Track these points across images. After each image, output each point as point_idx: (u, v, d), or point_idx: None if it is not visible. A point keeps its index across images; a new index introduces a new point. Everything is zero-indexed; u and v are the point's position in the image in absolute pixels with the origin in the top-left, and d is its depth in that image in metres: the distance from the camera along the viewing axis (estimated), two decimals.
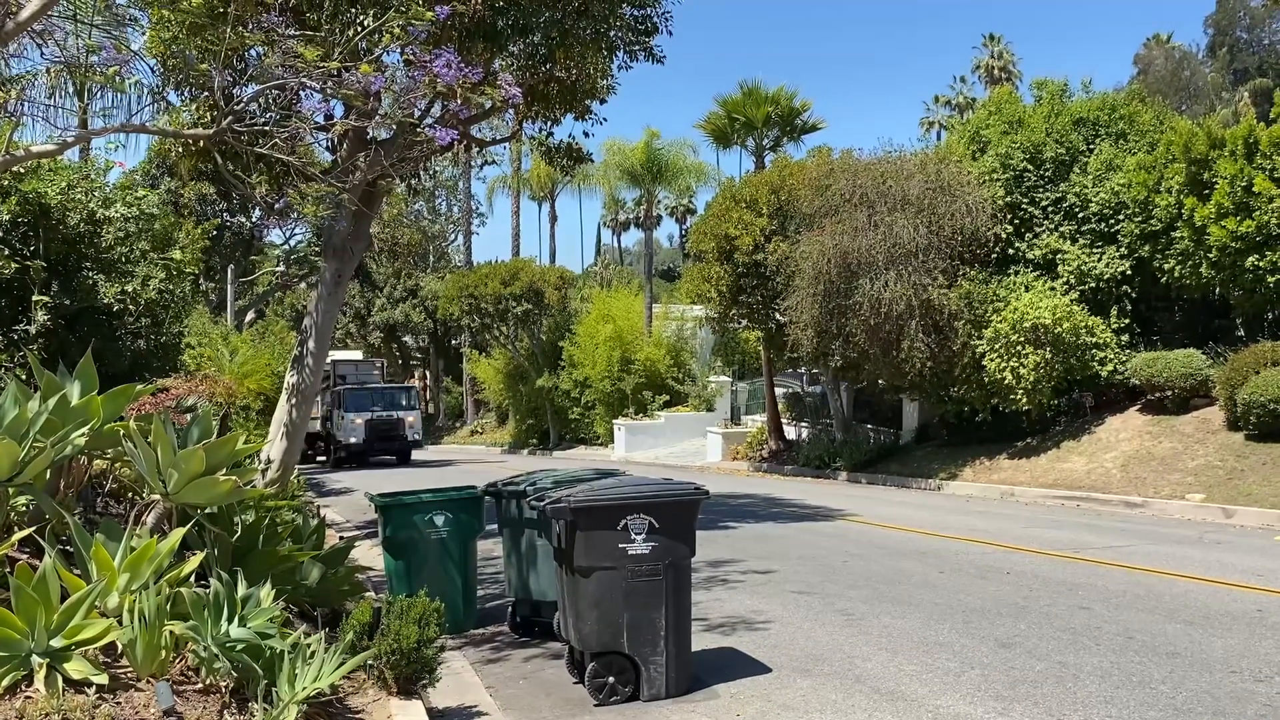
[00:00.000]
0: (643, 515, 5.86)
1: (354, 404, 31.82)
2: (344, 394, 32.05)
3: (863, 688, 6.01)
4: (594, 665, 5.85)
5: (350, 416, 31.53)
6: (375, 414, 31.75)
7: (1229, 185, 16.03)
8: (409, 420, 32.59)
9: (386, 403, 32.43)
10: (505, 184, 52.72)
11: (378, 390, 33.06)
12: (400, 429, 32.19)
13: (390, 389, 33.95)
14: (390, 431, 31.95)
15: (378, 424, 31.66)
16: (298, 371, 12.31)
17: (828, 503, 16.69)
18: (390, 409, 32.21)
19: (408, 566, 7.82)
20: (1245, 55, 54.22)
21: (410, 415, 32.76)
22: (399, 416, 32.27)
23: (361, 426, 31.43)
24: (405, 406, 32.90)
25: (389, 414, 32.06)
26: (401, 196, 32.96)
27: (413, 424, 32.73)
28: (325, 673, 4.91)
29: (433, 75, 7.38)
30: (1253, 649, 6.61)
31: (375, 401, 32.18)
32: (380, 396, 32.57)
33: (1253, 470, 14.45)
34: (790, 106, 34.01)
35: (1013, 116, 20.94)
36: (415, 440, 32.96)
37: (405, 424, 32.38)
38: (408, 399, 33.43)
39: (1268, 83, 45.54)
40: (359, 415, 31.56)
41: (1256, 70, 51.48)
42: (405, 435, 32.35)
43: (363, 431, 31.46)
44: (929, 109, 60.00)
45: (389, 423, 31.94)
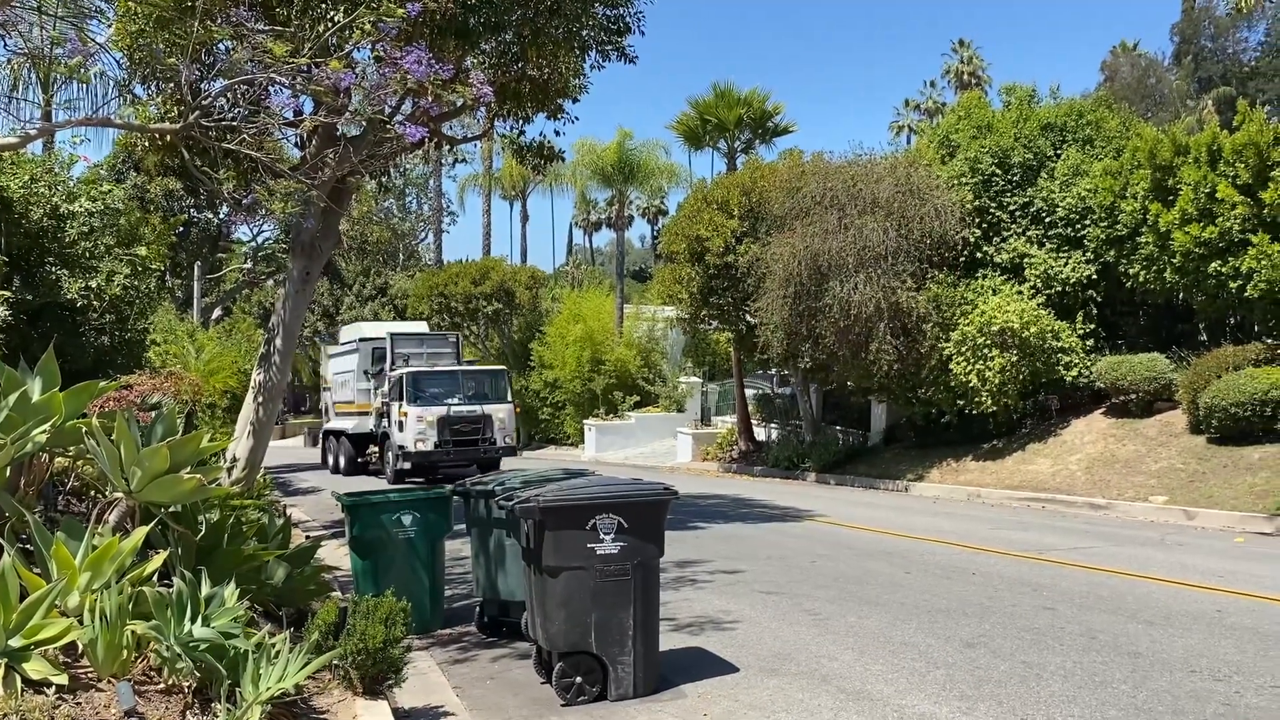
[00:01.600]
0: (611, 515, 5.86)
1: (421, 394, 22.73)
2: (407, 381, 22.79)
3: (829, 687, 6.04)
4: (561, 665, 5.84)
5: (416, 413, 22.36)
6: (452, 408, 22.65)
7: (1193, 191, 16.24)
8: (499, 417, 23.14)
9: (468, 392, 23.50)
10: (476, 182, 52.57)
11: (454, 375, 23.92)
12: (487, 429, 22.94)
13: (473, 373, 24.67)
14: (473, 433, 22.81)
15: (455, 423, 22.57)
16: (264, 369, 12.19)
17: (796, 503, 16.75)
18: (473, 401, 23.20)
19: (375, 566, 7.77)
20: (1210, 64, 54.98)
21: (501, 410, 23.32)
22: (484, 412, 22.94)
23: (432, 426, 22.30)
24: (494, 397, 23.67)
25: (472, 408, 22.96)
26: (371, 194, 32.71)
27: (504, 422, 23.28)
28: (290, 673, 4.87)
29: (403, 72, 7.35)
30: (1212, 649, 6.71)
31: (451, 390, 23.26)
32: (458, 383, 23.57)
33: (1214, 473, 14.65)
34: (762, 109, 34.12)
35: (981, 121, 21.13)
36: (507, 446, 23.36)
37: (493, 423, 22.98)
38: (496, 386, 24.08)
39: (1231, 91, 46.21)
40: (428, 410, 22.38)
41: (1220, 78, 52.21)
42: (493, 438, 23.03)
43: (434, 433, 22.29)
44: (899, 113, 60.44)
45: (472, 421, 22.81)
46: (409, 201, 52.93)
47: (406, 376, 22.87)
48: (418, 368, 23.60)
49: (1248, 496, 13.46)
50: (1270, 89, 47.42)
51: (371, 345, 26.14)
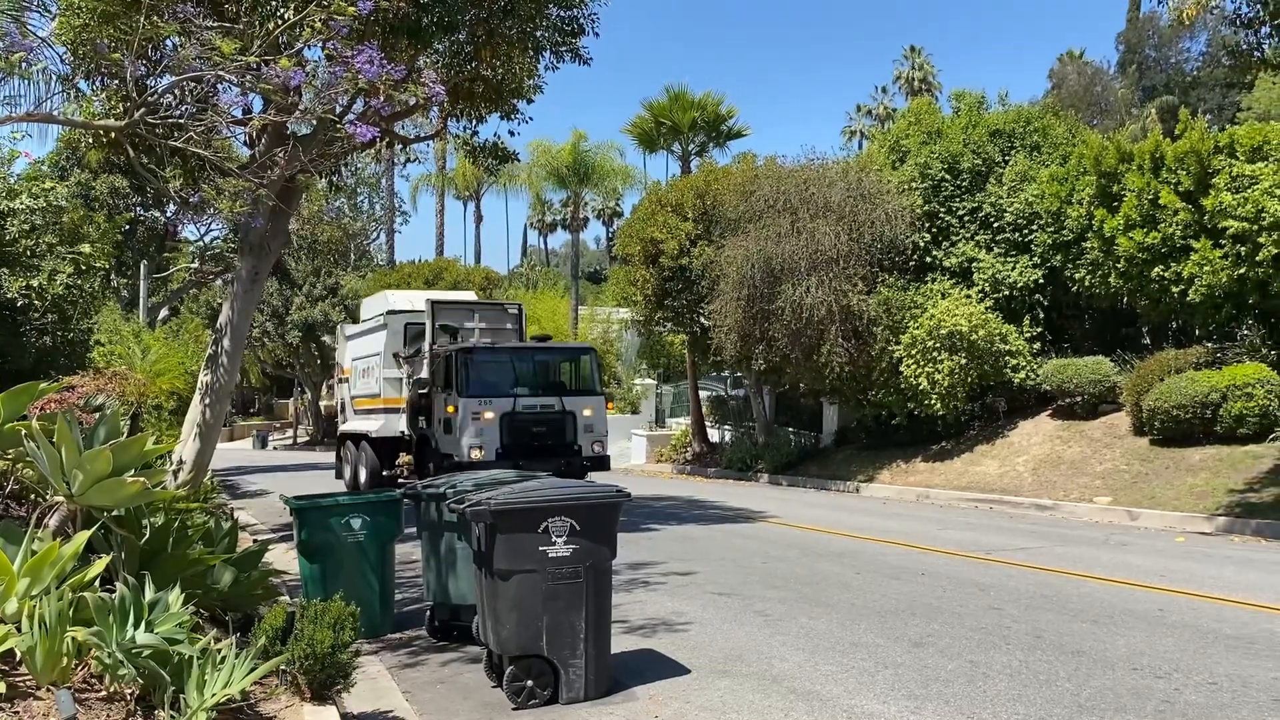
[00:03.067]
0: (564, 518, 5.85)
1: (477, 382, 16.53)
2: (458, 362, 16.57)
3: (779, 688, 6.08)
4: (512, 669, 5.81)
5: (470, 408, 16.16)
6: (520, 402, 16.56)
7: (1137, 198, 16.56)
8: (585, 414, 16.90)
9: (542, 379, 17.55)
10: (430, 182, 52.29)
11: (525, 354, 17.80)
12: (569, 432, 16.66)
13: (549, 351, 18.58)
14: (548, 435, 16.57)
15: (525, 422, 16.48)
16: (212, 370, 12.01)
17: (749, 505, 16.84)
18: (549, 392, 17.21)
19: (323, 570, 7.68)
20: (1154, 73, 56.14)
21: (589, 404, 17.06)
22: (565, 407, 16.78)
23: (493, 427, 16.16)
24: (578, 387, 17.67)
25: (548, 402, 16.85)
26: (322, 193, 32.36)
27: (593, 422, 16.95)
28: (236, 679, 4.80)
29: (354, 71, 7.29)
30: (1153, 647, 6.84)
31: (520, 377, 17.28)
32: (530, 367, 17.59)
33: (1157, 474, 14.96)
34: (716, 112, 34.31)
35: (932, 127, 21.41)
36: (598, 455, 16.90)
37: (578, 422, 16.78)
38: (582, 372, 18.01)
39: (1174, 100, 47.22)
40: (487, 405, 16.29)
41: (1164, 87, 53.32)
42: (578, 444, 16.66)
43: (496, 437, 16.11)
44: (851, 118, 61.04)
45: (548, 420, 16.68)
46: (361, 201, 52.44)
47: (457, 356, 16.46)
48: (472, 344, 17.18)
49: (1188, 497, 13.76)
50: (1211, 98, 48.51)
51: (404, 320, 19.53)
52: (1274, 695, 5.72)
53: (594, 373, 17.85)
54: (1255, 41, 11.91)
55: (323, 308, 44.77)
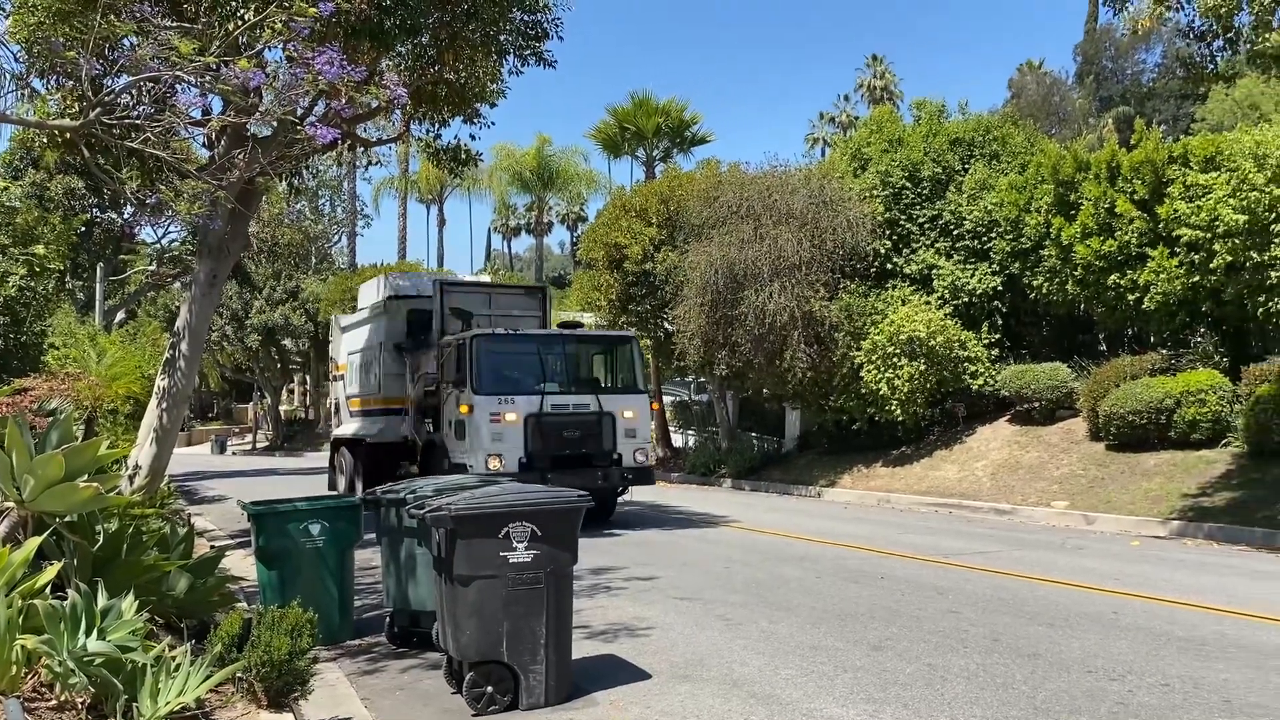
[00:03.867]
0: (525, 523, 5.83)
1: (495, 376, 14.20)
2: (473, 352, 14.11)
3: (740, 692, 6.10)
4: (472, 675, 5.78)
5: (489, 407, 13.85)
6: (549, 401, 14.18)
7: (1093, 207, 16.81)
8: (627, 416, 14.68)
9: (574, 374, 15.27)
10: (392, 185, 51.98)
11: (553, 344, 15.19)
12: (607, 438, 14.45)
13: (583, 339, 16.31)
14: (582, 441, 14.33)
15: (555, 426, 14.17)
16: (169, 374, 11.89)
17: (712, 509, 16.88)
18: (584, 389, 15.00)
19: (281, 576, 7.60)
20: (1110, 84, 56.99)
21: (631, 405, 14.82)
22: (602, 408, 14.54)
23: (516, 430, 13.89)
24: (617, 383, 15.54)
25: (581, 401, 14.57)
26: (282, 195, 32.05)
27: (635, 426, 14.76)
28: (191, 686, 4.75)
29: (315, 73, 7.24)
30: (1107, 649, 6.94)
31: (546, 371, 14.77)
32: (560, 359, 15.04)
33: (1112, 479, 15.17)
34: (680, 118, 34.43)
35: (893, 135, 21.61)
36: (642, 467, 14.75)
37: (617, 426, 14.51)
38: (622, 365, 15.65)
39: (1130, 110, 47.96)
40: (508, 405, 13.93)
41: (1120, 98, 54.15)
42: (617, 453, 14.47)
43: (519, 440, 13.88)
44: (814, 126, 61.43)
45: (582, 423, 14.38)
46: (322, 204, 52.02)
47: (472, 345, 14.01)
48: (491, 335, 14.44)
49: (1144, 501, 13.97)
50: (1166, 109, 49.35)
51: (407, 306, 16.88)
52: (1224, 696, 5.81)
53: (636, 365, 15.37)
54: (1208, 54, 12.14)
55: (283, 311, 44.37)
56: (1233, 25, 11.20)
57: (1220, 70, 12.60)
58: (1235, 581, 9.50)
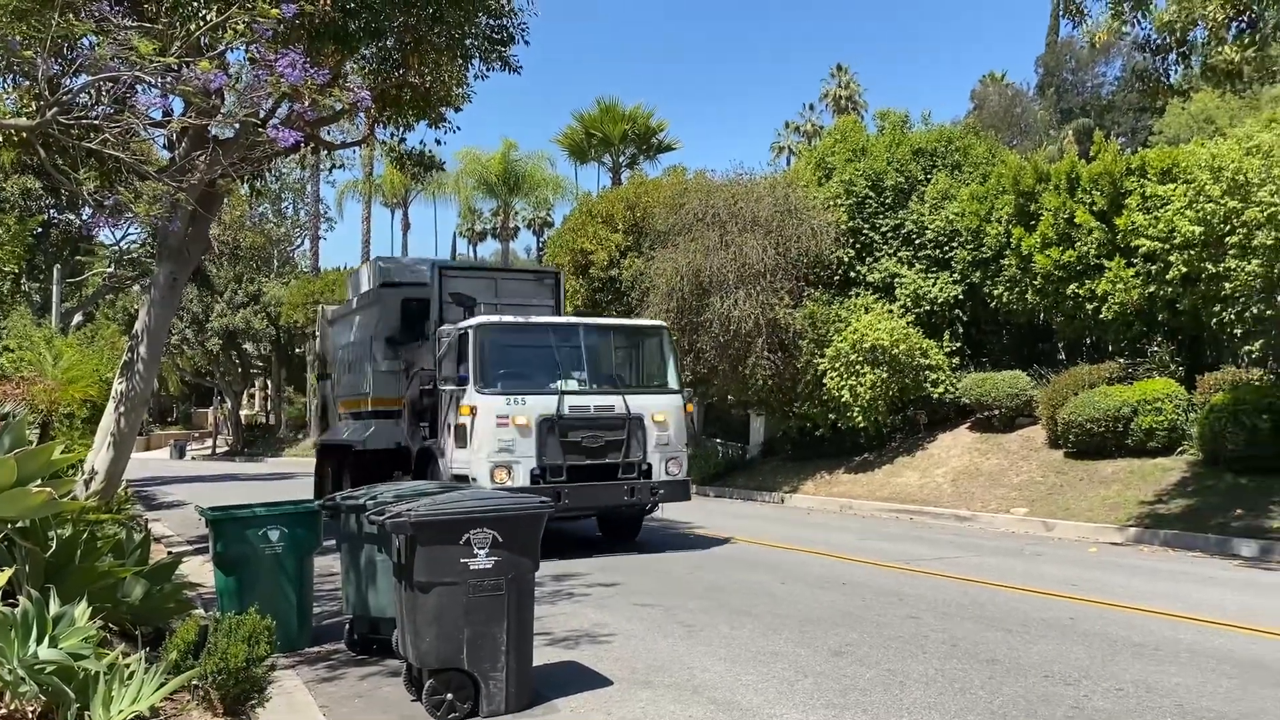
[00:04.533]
0: (486, 529, 5.81)
1: (502, 371, 12.47)
2: (476, 342, 12.25)
3: (700, 698, 6.11)
4: (432, 682, 5.75)
5: (492, 408, 11.96)
6: (567, 401, 12.24)
7: (1053, 217, 17.04)
8: (657, 420, 12.69)
9: (595, 369, 13.13)
10: (356, 189, 51.63)
11: (570, 332, 13.27)
12: (635, 442, 12.48)
13: (605, 329, 14.10)
14: (606, 449, 12.30)
15: (574, 430, 12.17)
16: (127, 378, 11.72)
17: (675, 515, 16.85)
18: (606, 388, 12.91)
19: (240, 583, 7.52)
20: (1071, 96, 57.79)
21: (662, 408, 12.83)
22: (629, 411, 12.48)
23: (527, 435, 11.92)
24: (645, 382, 13.57)
25: (605, 403, 12.54)
26: (244, 198, 31.73)
27: (667, 432, 12.78)
28: (145, 694, 4.68)
29: (277, 75, 7.17)
30: (1065, 654, 7.02)
31: (562, 366, 12.83)
32: (578, 350, 13.03)
33: (1071, 486, 15.36)
34: (647, 125, 34.51)
35: (857, 145, 21.79)
36: (674, 481, 12.82)
37: (645, 433, 12.54)
38: (650, 361, 13.79)
39: (1090, 122, 48.66)
40: (518, 406, 12.03)
41: (1080, 110, 54.92)
42: (646, 464, 12.54)
43: (531, 447, 11.92)
44: (780, 134, 61.69)
45: (605, 426, 12.37)
46: (285, 207, 51.56)
47: (474, 335, 12.11)
48: (498, 325, 12.51)
49: (1101, 508, 14.15)
50: (1125, 122, 50.11)
51: (401, 295, 14.91)
52: (1176, 701, 5.90)
53: (668, 360, 13.29)
54: (1164, 68, 12.35)
55: (245, 315, 43.96)
56: (1187, 40, 11.42)
57: (1176, 84, 12.84)
58: (1189, 587, 9.65)
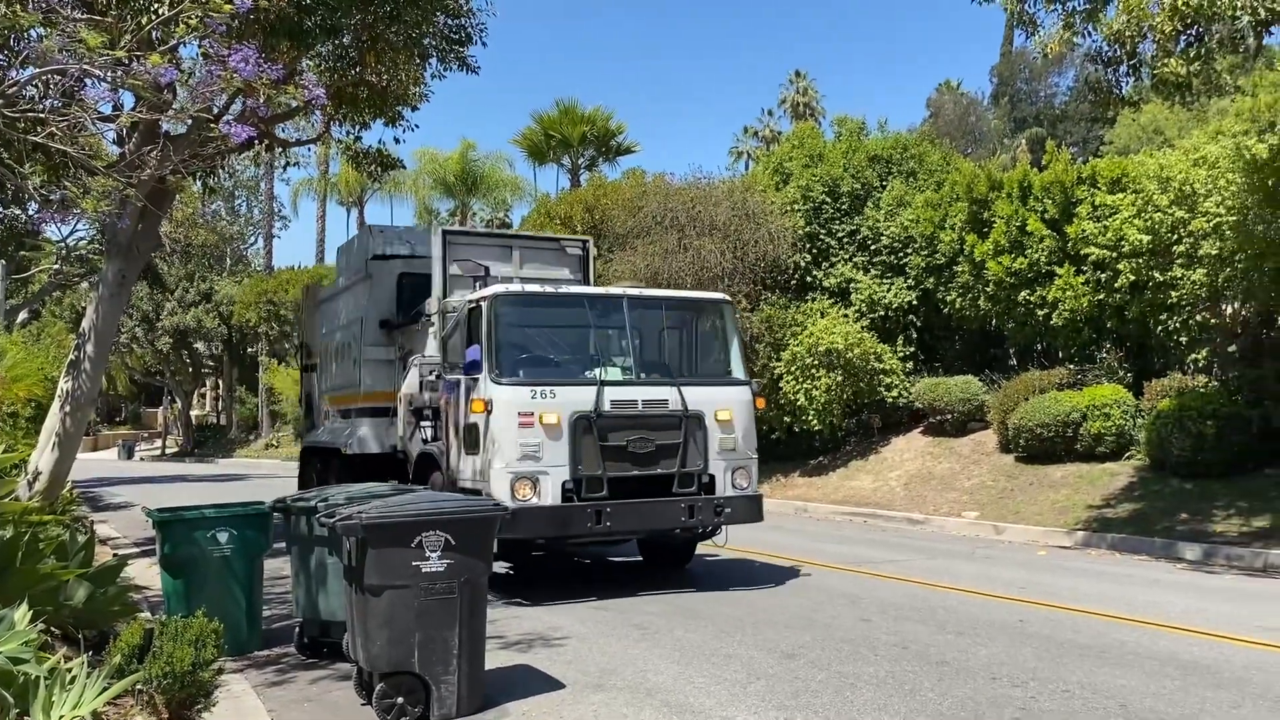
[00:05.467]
0: (439, 532, 5.77)
1: (526, 356, 10.01)
2: (489, 322, 9.48)
3: (653, 701, 6.11)
4: (382, 686, 5.69)
5: (513, 403, 9.18)
6: (608, 395, 9.41)
7: (1005, 225, 17.28)
8: (717, 418, 9.86)
9: (636, 357, 10.20)
10: (311, 187, 51.02)
11: (609, 306, 10.36)
12: (694, 448, 9.66)
13: (646, 301, 10.77)
14: (657, 457, 9.51)
15: (616, 430, 9.39)
16: (74, 377, 11.51)
17: None
18: (654, 376, 10.16)
19: (187, 585, 7.40)
20: (1024, 105, 58.66)
21: (726, 403, 10.01)
22: (686, 406, 9.64)
23: (557, 438, 9.17)
24: (705, 371, 10.87)
25: (654, 396, 9.70)
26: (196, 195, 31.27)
27: (730, 431, 9.97)
28: (86, 699, 4.59)
29: (230, 71, 7.08)
30: (1013, 657, 7.11)
31: (600, 350, 10.35)
32: (616, 332, 10.47)
33: (1021, 490, 15.56)
34: (606, 127, 34.51)
35: (814, 151, 21.96)
36: (743, 498, 10.10)
37: (704, 430, 9.72)
38: (703, 346, 11.07)
39: (1042, 132, 49.41)
40: (545, 399, 9.23)
41: (1034, 119, 55.75)
42: (706, 474, 9.77)
43: (563, 453, 9.18)
44: (738, 139, 61.88)
45: (654, 425, 9.55)
46: (239, 205, 50.89)
47: (491, 307, 9.57)
48: (516, 296, 9.94)
49: (1050, 512, 14.35)
50: (1077, 131, 50.94)
51: (398, 268, 12.76)
52: (1121, 701, 6.00)
53: (732, 343, 10.64)
54: (1115, 79, 12.56)
55: (196, 314, 43.33)
56: (1137, 52, 11.61)
57: (1127, 96, 13.06)
58: (1135, 590, 9.81)
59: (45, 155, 10.36)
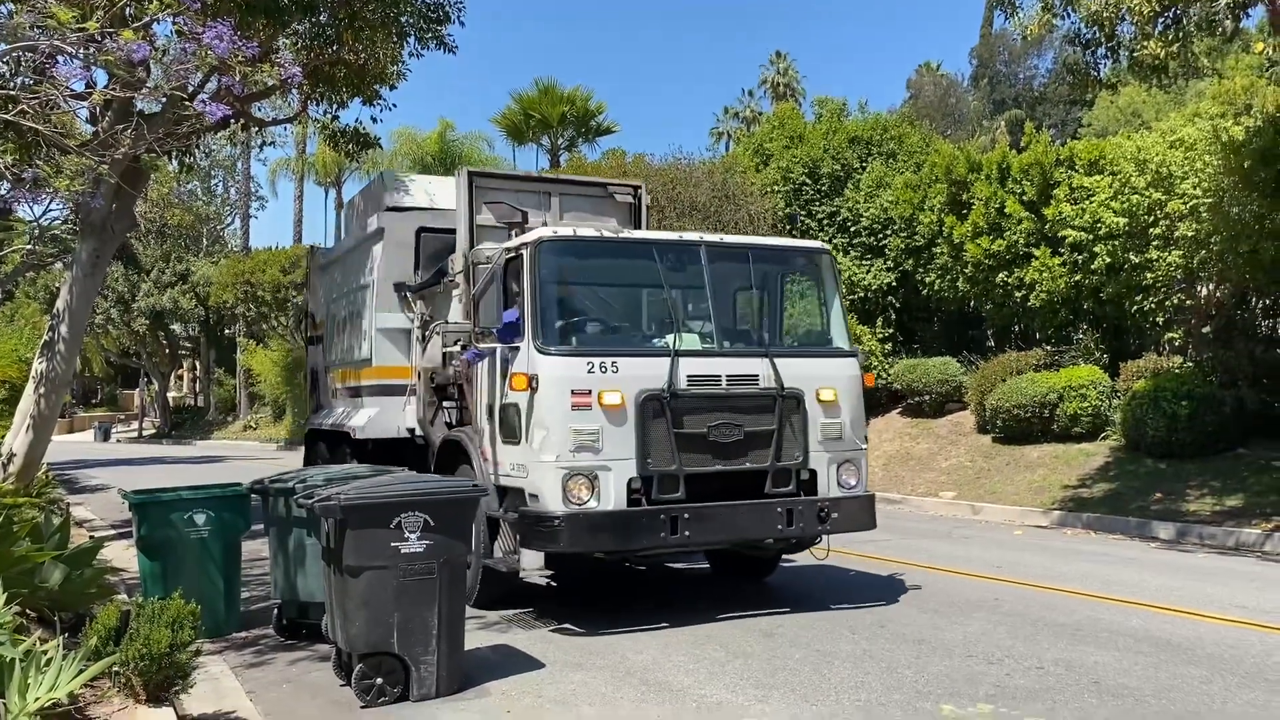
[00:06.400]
0: (417, 513, 5.76)
1: (580, 319, 8.24)
2: (531, 275, 7.56)
3: (632, 679, 6.14)
4: (361, 666, 5.69)
5: (568, 378, 7.31)
6: (683, 367, 7.54)
7: (984, 207, 17.35)
8: (820, 397, 8.06)
9: (718, 321, 8.06)
10: (289, 167, 50.59)
11: (679, 259, 8.24)
12: (792, 436, 7.86)
13: (727, 250, 8.46)
14: (745, 447, 7.68)
15: (695, 413, 7.54)
16: (48, 358, 11.40)
17: None
18: (741, 345, 8.41)
19: (164, 567, 7.37)
20: (1004, 87, 58.83)
21: (827, 375, 8.20)
22: (781, 382, 7.79)
23: (620, 421, 7.31)
24: (807, 339, 9.44)
25: (740, 370, 7.81)
26: (171, 174, 30.93)
27: (834, 412, 8.14)
28: (62, 681, 4.57)
29: (204, 48, 7.00)
30: (988, 634, 7.18)
31: (674, 312, 8.22)
32: (694, 290, 8.39)
33: (998, 470, 15.68)
34: (586, 108, 34.33)
35: (795, 132, 21.95)
36: (849, 491, 8.07)
37: (804, 413, 7.92)
38: (791, 308, 9.48)
39: (1021, 114, 49.53)
40: (610, 374, 7.35)
41: (1013, 101, 55.94)
42: (801, 461, 7.90)
43: (629, 442, 7.33)
44: (719, 120, 61.73)
45: (742, 407, 7.71)
46: (215, 185, 50.42)
47: (535, 256, 7.66)
48: (564, 231, 8.11)
49: (1027, 492, 14.48)
50: (1056, 114, 51.13)
51: (415, 222, 10.83)
52: (1094, 679, 6.07)
53: (832, 304, 8.79)
54: (1093, 62, 12.60)
55: (172, 295, 42.95)
56: (1115, 34, 11.65)
57: (1105, 78, 13.11)
58: (1109, 569, 9.91)
59: (16, 133, 10.23)
